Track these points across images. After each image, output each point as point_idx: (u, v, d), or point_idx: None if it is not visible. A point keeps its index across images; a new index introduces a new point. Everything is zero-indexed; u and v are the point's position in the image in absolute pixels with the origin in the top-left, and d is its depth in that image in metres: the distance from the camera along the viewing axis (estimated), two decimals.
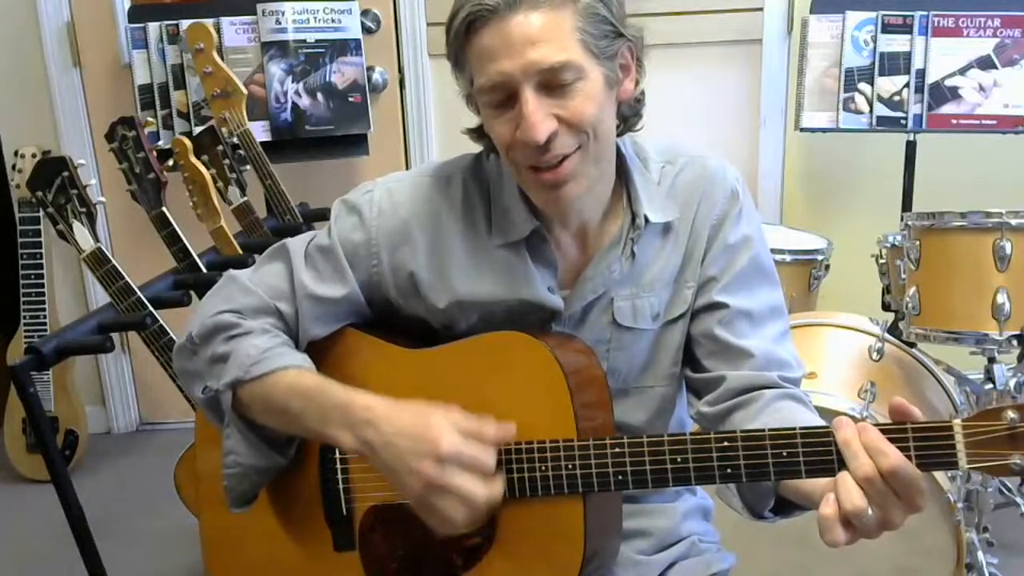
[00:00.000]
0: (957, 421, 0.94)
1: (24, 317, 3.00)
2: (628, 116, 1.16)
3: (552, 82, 1.05)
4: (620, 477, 1.07)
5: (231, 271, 1.25)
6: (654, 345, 1.23)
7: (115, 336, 1.87)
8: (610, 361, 1.21)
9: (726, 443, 1.03)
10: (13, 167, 3.02)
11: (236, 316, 1.19)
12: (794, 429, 1.00)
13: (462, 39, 1.07)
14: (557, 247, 1.19)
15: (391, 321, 1.23)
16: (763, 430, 1.02)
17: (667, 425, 1.27)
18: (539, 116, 1.05)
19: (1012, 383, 2.03)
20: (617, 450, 1.06)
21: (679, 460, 1.04)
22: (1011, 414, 0.92)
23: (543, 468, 1.09)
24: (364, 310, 1.22)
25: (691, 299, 1.21)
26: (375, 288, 1.21)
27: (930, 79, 2.76)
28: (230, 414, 1.17)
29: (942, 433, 0.94)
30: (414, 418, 1.08)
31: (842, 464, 0.96)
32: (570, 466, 1.08)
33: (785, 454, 1.00)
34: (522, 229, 1.17)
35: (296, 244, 1.23)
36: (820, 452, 0.99)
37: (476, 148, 1.23)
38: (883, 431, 0.95)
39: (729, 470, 1.03)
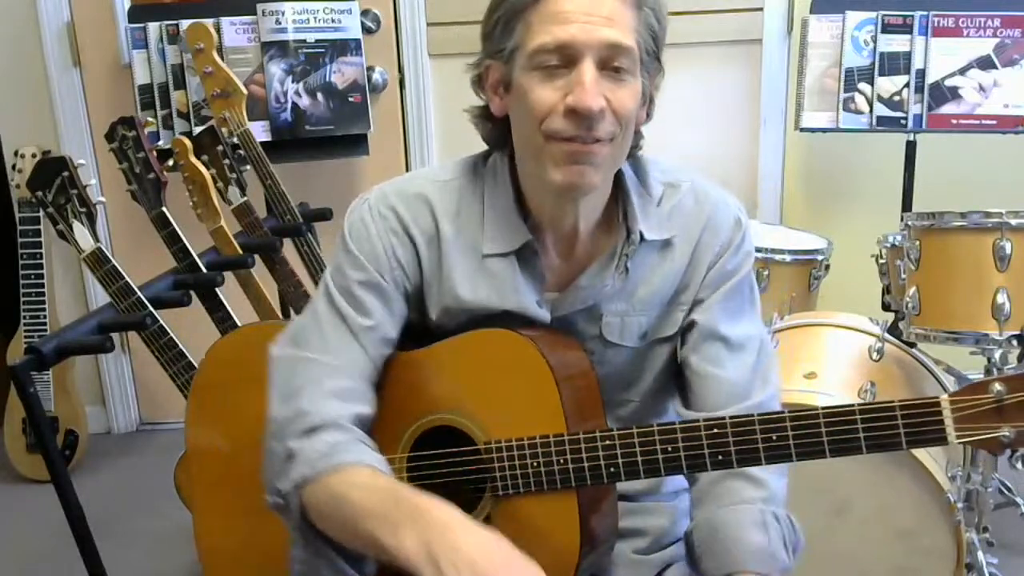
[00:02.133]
0: (944, 396, 0.96)
1: (24, 317, 3.00)
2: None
3: (609, 63, 1.07)
4: (612, 469, 1.08)
5: (274, 352, 1.18)
6: (638, 362, 1.23)
7: (115, 336, 1.87)
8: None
9: (715, 430, 1.04)
10: (13, 167, 3.02)
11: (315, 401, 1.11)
12: (783, 413, 1.02)
13: None
14: (545, 255, 1.19)
15: None
16: (752, 415, 1.04)
17: None
18: (596, 88, 1.06)
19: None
20: (608, 443, 1.07)
21: (669, 449, 1.06)
22: (998, 386, 0.94)
23: (535, 464, 1.09)
24: (403, 307, 1.20)
25: (681, 321, 1.21)
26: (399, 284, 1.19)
27: (930, 79, 2.76)
28: (299, 520, 1.08)
29: (930, 409, 0.96)
30: (493, 549, 0.96)
31: (832, 445, 0.98)
32: (561, 461, 1.09)
33: (775, 438, 1.02)
34: (514, 240, 1.17)
35: (326, 300, 1.17)
36: (810, 435, 1.01)
37: (475, 150, 1.23)
38: (870, 409, 0.97)
39: (720, 457, 1.04)
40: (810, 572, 1.83)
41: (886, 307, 2.51)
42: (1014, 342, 1.95)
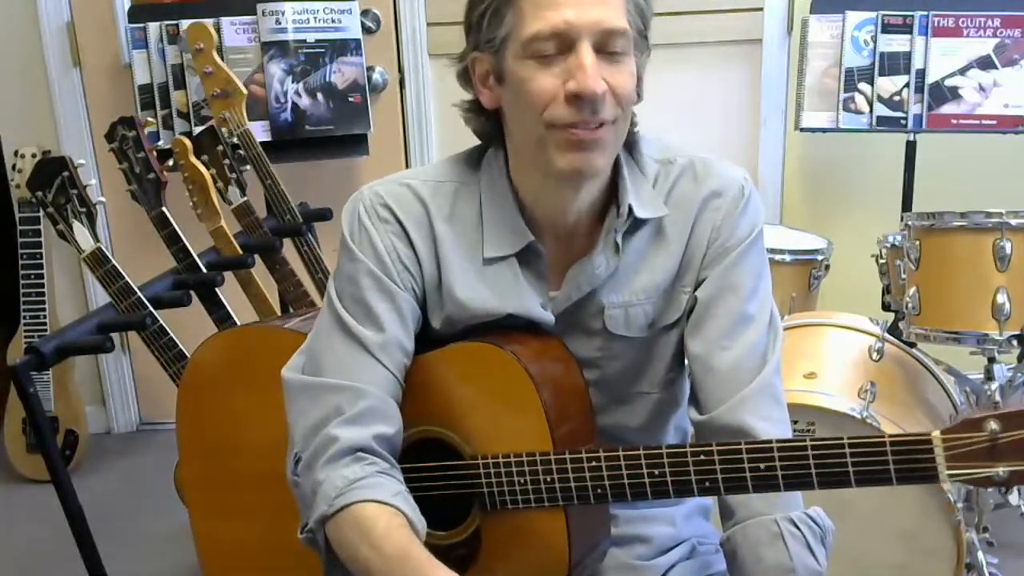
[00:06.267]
0: (936, 434, 0.92)
1: (24, 317, 3.00)
2: None
3: (605, 47, 1.05)
4: (599, 491, 1.06)
5: (289, 377, 1.15)
6: (648, 352, 1.20)
7: (115, 336, 1.87)
8: (604, 369, 1.19)
9: (702, 456, 1.01)
10: (13, 167, 3.02)
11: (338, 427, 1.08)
12: (771, 442, 1.00)
13: None
14: (547, 254, 1.16)
15: None
16: (739, 443, 1.01)
17: (664, 429, 1.26)
18: (597, 71, 1.03)
19: (1002, 387, 2.03)
20: (594, 463, 1.05)
21: (656, 474, 1.03)
22: (992, 424, 0.89)
23: (521, 482, 1.08)
24: (416, 308, 1.16)
25: (686, 305, 1.17)
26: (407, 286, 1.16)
27: (930, 79, 2.76)
28: (326, 556, 1.08)
29: (921, 446, 0.92)
30: None
31: (820, 477, 0.96)
32: (548, 479, 1.07)
33: (763, 467, 0.99)
34: (516, 242, 1.14)
35: (335, 319, 1.13)
36: (798, 465, 0.98)
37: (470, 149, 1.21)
38: (860, 443, 0.94)
39: (707, 483, 1.02)
40: None
41: (886, 307, 2.51)
42: (1014, 342, 1.95)
